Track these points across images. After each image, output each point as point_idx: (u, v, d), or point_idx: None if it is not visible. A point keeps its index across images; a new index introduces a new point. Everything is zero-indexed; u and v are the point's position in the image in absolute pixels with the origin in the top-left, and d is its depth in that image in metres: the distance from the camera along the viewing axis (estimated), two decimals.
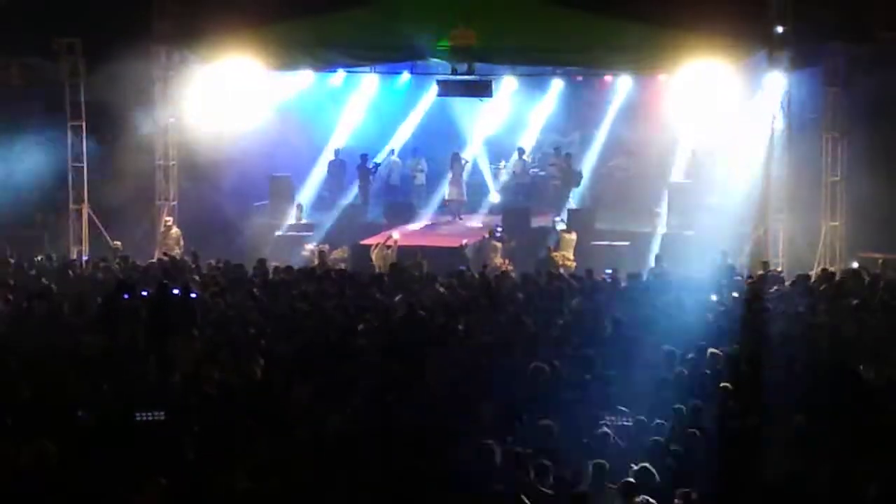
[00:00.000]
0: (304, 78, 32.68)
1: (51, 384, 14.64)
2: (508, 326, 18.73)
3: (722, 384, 14.79)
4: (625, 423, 13.35)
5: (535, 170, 35.19)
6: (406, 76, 33.75)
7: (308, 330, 18.38)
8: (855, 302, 21.20)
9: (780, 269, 27.00)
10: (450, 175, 33.89)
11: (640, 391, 14.39)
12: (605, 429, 12.98)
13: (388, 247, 28.82)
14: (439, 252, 29.10)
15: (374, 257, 28.53)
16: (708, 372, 15.67)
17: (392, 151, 35.22)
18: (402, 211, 33.30)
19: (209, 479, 10.66)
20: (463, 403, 13.57)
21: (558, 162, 33.93)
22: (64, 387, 14.52)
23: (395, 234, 29.56)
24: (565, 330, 18.56)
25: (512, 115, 35.40)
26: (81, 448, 11.65)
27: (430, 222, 33.61)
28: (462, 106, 34.76)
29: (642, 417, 13.39)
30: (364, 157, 34.52)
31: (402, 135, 35.61)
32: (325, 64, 31.01)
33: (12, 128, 31.69)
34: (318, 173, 34.77)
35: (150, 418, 9.89)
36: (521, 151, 35.07)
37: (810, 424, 12.86)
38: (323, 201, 34.57)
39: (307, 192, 34.43)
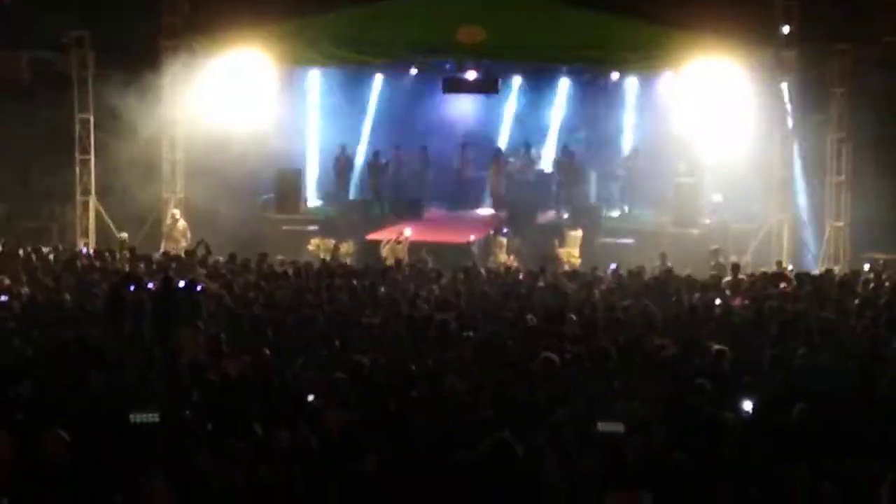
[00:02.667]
0: (312, 73, 32.66)
1: (61, 375, 14.62)
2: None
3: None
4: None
5: (541, 167, 35.02)
6: (413, 72, 33.82)
7: (315, 323, 18.29)
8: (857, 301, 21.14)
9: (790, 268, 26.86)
10: (493, 171, 33.71)
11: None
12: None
13: (399, 242, 28.73)
14: (446, 249, 29.03)
15: (384, 252, 28.45)
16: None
17: (398, 147, 35.03)
18: (409, 207, 33.19)
19: (213, 470, 10.59)
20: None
21: (564, 159, 33.80)
22: (74, 377, 14.47)
23: (407, 231, 29.41)
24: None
25: (518, 112, 35.33)
26: (94, 440, 11.59)
27: (436, 217, 33.50)
28: (468, 103, 34.73)
29: None
30: (376, 154, 34.40)
31: (408, 131, 35.41)
32: (333, 60, 31.00)
33: (21, 120, 31.69)
34: (325, 168, 34.64)
35: (146, 420, 9.72)
36: (528, 148, 34.93)
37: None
38: (329, 196, 34.51)
39: (313, 187, 34.38)
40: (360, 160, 35.09)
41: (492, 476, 9.97)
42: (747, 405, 18.83)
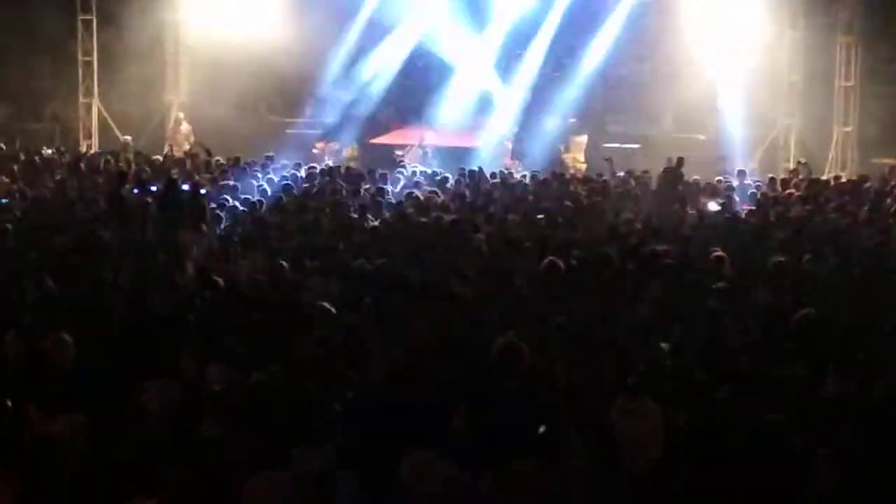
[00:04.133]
0: None
1: (70, 276, 14.65)
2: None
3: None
4: None
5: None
6: None
7: (319, 229, 18.26)
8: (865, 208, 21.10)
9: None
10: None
11: None
12: None
13: (422, 148, 28.58)
14: (454, 151, 28.90)
15: (407, 158, 28.23)
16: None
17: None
18: (412, 109, 32.93)
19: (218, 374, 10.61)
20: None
21: (568, 65, 33.41)
22: (82, 278, 14.49)
23: (429, 136, 29.19)
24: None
25: (519, 18, 34.81)
26: (98, 343, 11.60)
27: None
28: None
29: None
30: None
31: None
32: None
33: (23, 23, 31.45)
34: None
35: None
36: (523, 50, 34.32)
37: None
38: (333, 99, 34.21)
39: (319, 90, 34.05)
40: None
41: (500, 378, 9.98)
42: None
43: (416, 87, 33.98)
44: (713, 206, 21.44)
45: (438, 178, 24.18)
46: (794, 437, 9.18)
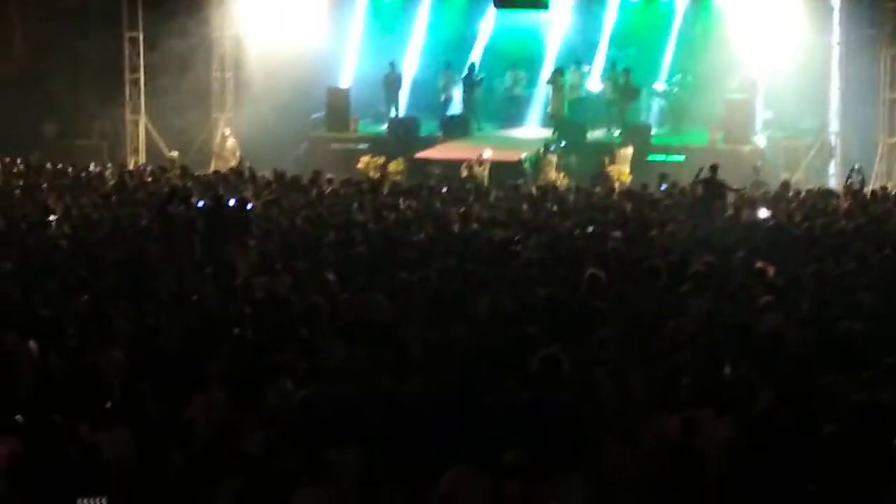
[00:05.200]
0: None
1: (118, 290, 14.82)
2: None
3: None
4: None
5: (589, 85, 34.62)
6: None
7: (364, 240, 18.33)
8: None
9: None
10: (551, 90, 33.30)
11: None
12: None
13: (481, 164, 28.60)
14: (499, 166, 28.94)
15: (464, 174, 28.20)
16: None
17: (448, 65, 34.61)
18: (457, 125, 33.03)
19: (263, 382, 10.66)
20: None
21: (615, 76, 33.45)
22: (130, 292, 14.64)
23: (488, 152, 29.16)
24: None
25: (570, 30, 34.90)
26: (150, 353, 11.74)
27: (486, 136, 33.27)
28: (520, 22, 34.47)
29: None
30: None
31: (456, 50, 35.14)
32: None
33: (73, 42, 31.80)
34: (373, 87, 34.32)
35: None
36: (578, 65, 34.48)
37: None
38: (379, 114, 34.34)
39: (363, 105, 34.14)
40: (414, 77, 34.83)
41: (541, 391, 9.99)
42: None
43: (462, 101, 34.15)
44: (763, 212, 21.40)
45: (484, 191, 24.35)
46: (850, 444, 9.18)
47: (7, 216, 19.92)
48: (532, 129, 33.66)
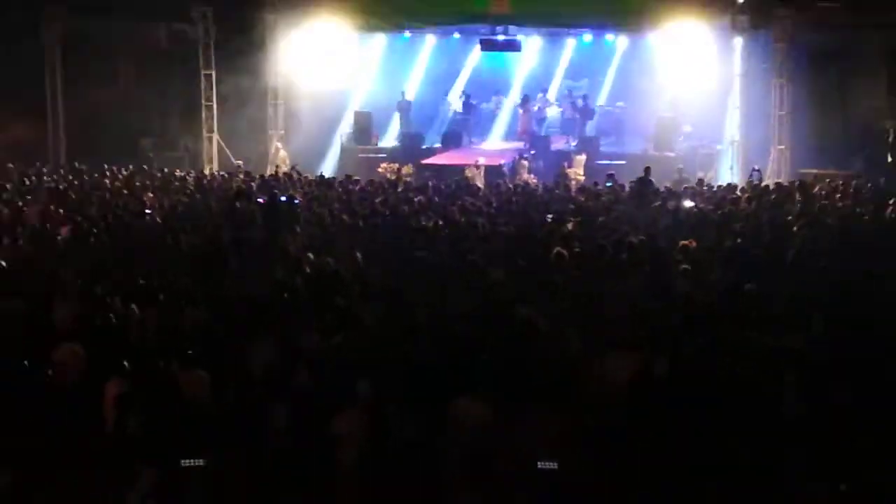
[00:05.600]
0: (378, 37, 32.48)
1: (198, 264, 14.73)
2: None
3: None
4: None
5: (550, 107, 34.45)
6: (457, 36, 33.46)
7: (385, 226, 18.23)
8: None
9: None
10: (521, 112, 33.10)
11: None
12: None
13: (478, 168, 28.57)
14: (486, 169, 28.87)
15: (468, 175, 28.11)
16: None
17: (467, 94, 34.27)
18: (453, 138, 32.90)
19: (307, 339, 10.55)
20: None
21: (573, 100, 33.37)
22: (206, 268, 14.53)
23: (482, 159, 29.20)
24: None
25: (536, 65, 34.77)
26: (221, 313, 11.61)
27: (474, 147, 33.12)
28: (499, 59, 34.35)
29: None
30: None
31: (452, 82, 35.02)
32: (395, 26, 30.95)
33: (162, 76, 31.78)
34: (390, 109, 34.13)
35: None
36: (544, 92, 34.35)
37: None
38: (393, 131, 34.16)
39: (381, 124, 33.98)
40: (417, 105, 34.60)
41: (522, 343, 9.92)
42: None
43: (458, 119, 34.06)
44: (688, 203, 21.31)
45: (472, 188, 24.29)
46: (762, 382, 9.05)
47: (115, 209, 19.81)
48: (509, 142, 33.49)
